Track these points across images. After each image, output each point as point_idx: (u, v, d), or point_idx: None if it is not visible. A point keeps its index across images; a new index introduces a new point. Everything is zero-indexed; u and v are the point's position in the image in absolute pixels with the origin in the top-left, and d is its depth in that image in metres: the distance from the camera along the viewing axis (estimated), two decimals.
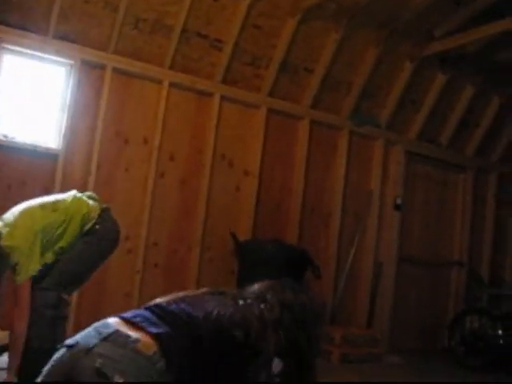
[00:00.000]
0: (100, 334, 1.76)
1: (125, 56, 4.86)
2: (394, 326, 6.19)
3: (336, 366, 5.09)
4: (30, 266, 2.94)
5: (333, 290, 5.84)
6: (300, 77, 5.68)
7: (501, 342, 5.72)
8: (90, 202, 3.23)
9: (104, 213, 3.21)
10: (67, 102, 4.68)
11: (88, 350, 1.71)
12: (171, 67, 5.05)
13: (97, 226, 3.13)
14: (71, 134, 4.67)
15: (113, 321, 1.84)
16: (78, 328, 4.63)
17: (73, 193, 3.27)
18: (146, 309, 1.92)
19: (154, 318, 1.84)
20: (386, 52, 5.85)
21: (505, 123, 7.13)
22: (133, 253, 4.90)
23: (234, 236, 5.18)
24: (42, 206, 3.08)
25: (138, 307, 1.98)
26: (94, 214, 3.16)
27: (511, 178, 7.34)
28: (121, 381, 1.63)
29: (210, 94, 5.26)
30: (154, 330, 1.78)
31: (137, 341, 1.73)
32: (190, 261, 5.15)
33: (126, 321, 1.83)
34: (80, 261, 3.08)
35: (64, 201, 3.16)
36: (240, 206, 5.42)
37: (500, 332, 5.76)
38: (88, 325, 1.87)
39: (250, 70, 5.44)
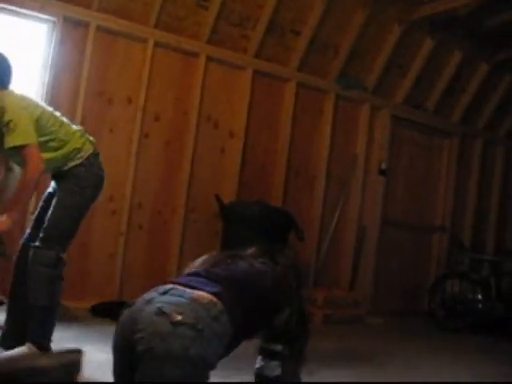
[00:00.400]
0: (157, 291, 1.93)
1: (109, 14, 4.76)
2: (376, 288, 6.27)
3: (318, 327, 5.16)
4: (29, 129, 2.82)
5: (316, 252, 5.88)
6: (287, 39, 5.61)
7: (480, 306, 5.82)
8: (87, 143, 3.17)
9: (93, 157, 3.14)
10: (49, 60, 4.58)
11: (148, 301, 1.86)
12: (156, 26, 4.96)
13: (82, 169, 3.05)
14: (53, 93, 4.59)
15: (168, 285, 2.00)
16: (62, 288, 4.58)
17: (80, 127, 3.24)
18: (193, 275, 2.11)
19: (204, 280, 2.03)
20: (374, 15, 5.78)
21: (493, 90, 7.11)
22: (117, 214, 4.89)
23: (218, 198, 5.17)
24: (52, 113, 3.07)
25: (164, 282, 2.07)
26: (83, 154, 3.07)
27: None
28: (179, 318, 1.77)
29: (196, 54, 5.19)
30: (209, 288, 1.96)
31: (192, 293, 1.91)
32: (174, 222, 5.15)
33: (181, 284, 2.00)
34: (68, 213, 3.03)
35: (70, 126, 3.12)
36: (225, 168, 5.41)
37: (479, 296, 5.86)
38: (72, 285, 1.91)
39: (236, 31, 5.36)
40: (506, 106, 7.33)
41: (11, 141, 2.80)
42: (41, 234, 2.97)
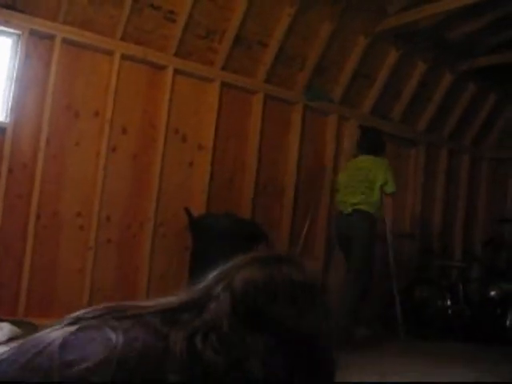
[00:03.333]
0: None
1: (75, 26, 4.72)
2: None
3: None
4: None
5: None
6: (254, 51, 5.64)
7: (449, 312, 5.90)
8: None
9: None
10: (15, 74, 4.53)
11: None
12: (123, 38, 4.93)
13: None
14: (19, 107, 4.54)
15: None
16: (29, 303, 4.53)
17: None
18: None
19: None
20: (341, 27, 5.85)
21: (457, 99, 7.24)
22: (85, 229, 4.83)
23: (187, 211, 5.15)
24: None
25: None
26: None
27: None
28: None
29: (163, 67, 5.18)
30: None
31: None
32: (143, 236, 5.11)
33: None
34: None
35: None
36: (193, 181, 5.39)
37: (448, 302, 5.94)
38: (40, 301, 1.85)
39: (203, 43, 5.37)
40: (470, 115, 7.47)
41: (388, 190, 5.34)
42: None
